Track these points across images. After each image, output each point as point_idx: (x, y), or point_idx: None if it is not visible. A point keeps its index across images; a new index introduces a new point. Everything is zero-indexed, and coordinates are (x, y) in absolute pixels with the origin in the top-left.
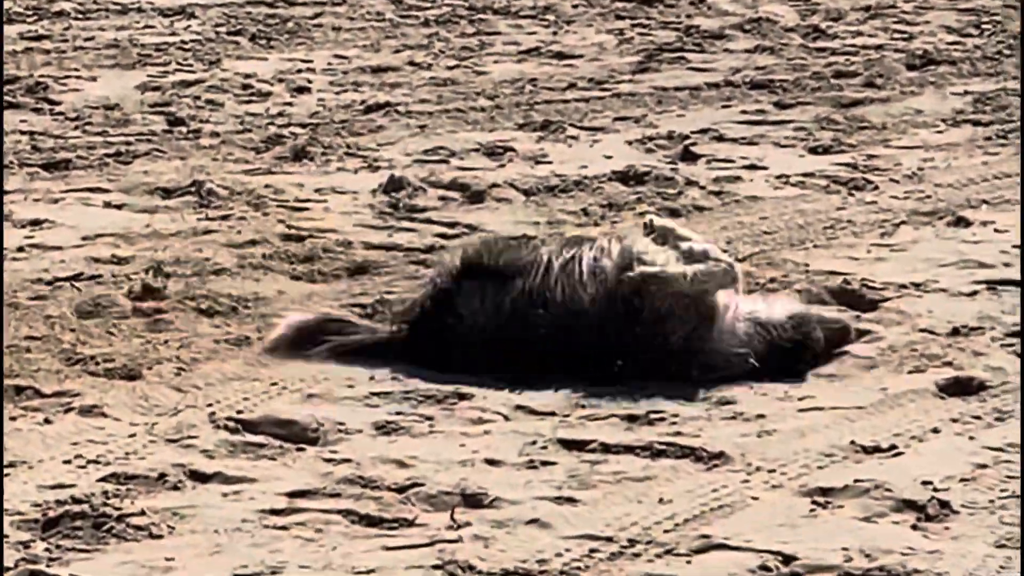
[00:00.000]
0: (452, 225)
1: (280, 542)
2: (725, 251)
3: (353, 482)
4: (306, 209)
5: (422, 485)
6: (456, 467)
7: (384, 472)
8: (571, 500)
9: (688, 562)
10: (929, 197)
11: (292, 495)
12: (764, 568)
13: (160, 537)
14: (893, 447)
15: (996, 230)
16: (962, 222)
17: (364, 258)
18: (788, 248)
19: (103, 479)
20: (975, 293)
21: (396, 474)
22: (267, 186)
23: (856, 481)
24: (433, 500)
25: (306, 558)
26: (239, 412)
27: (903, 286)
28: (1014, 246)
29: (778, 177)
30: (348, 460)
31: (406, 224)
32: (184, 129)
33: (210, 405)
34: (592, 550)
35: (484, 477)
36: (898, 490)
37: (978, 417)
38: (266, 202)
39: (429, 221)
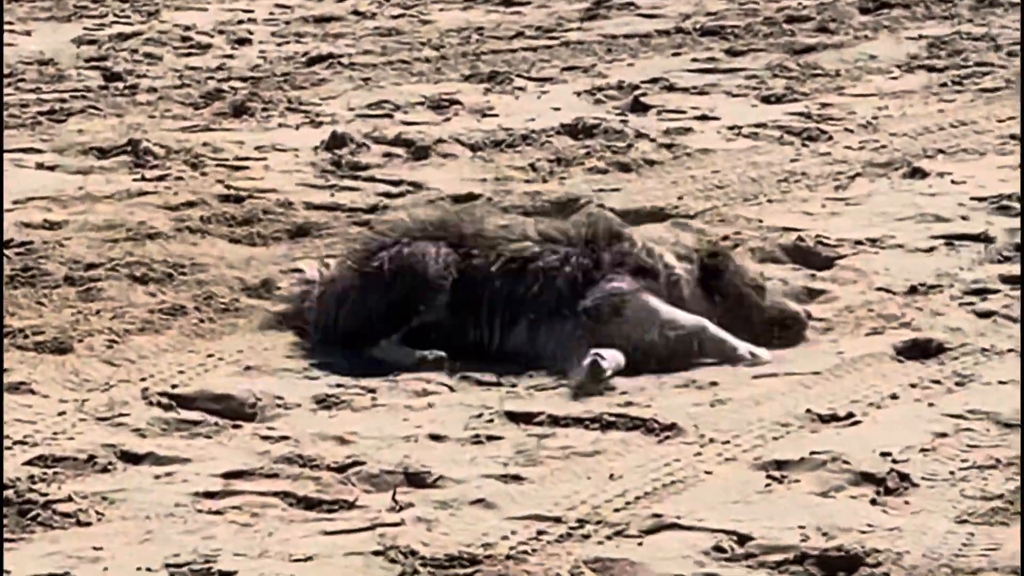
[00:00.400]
0: (396, 183)
1: (214, 527)
2: (676, 208)
3: (291, 461)
4: (245, 168)
5: (363, 464)
6: (399, 443)
7: (324, 450)
8: (518, 478)
9: (640, 544)
10: (884, 147)
11: (227, 476)
12: (718, 549)
13: (88, 524)
14: (850, 415)
15: (953, 181)
16: (918, 173)
17: (306, 219)
18: (741, 203)
19: (29, 462)
20: (932, 249)
21: (336, 452)
22: (205, 144)
23: (812, 453)
24: (375, 480)
25: (241, 545)
26: (173, 387)
27: (859, 242)
28: (972, 198)
29: (730, 128)
30: (286, 437)
31: (349, 183)
32: (120, 85)
33: (143, 380)
34: (540, 532)
35: (428, 454)
36: (856, 462)
37: (937, 382)
38: (204, 161)
39: (373, 179)
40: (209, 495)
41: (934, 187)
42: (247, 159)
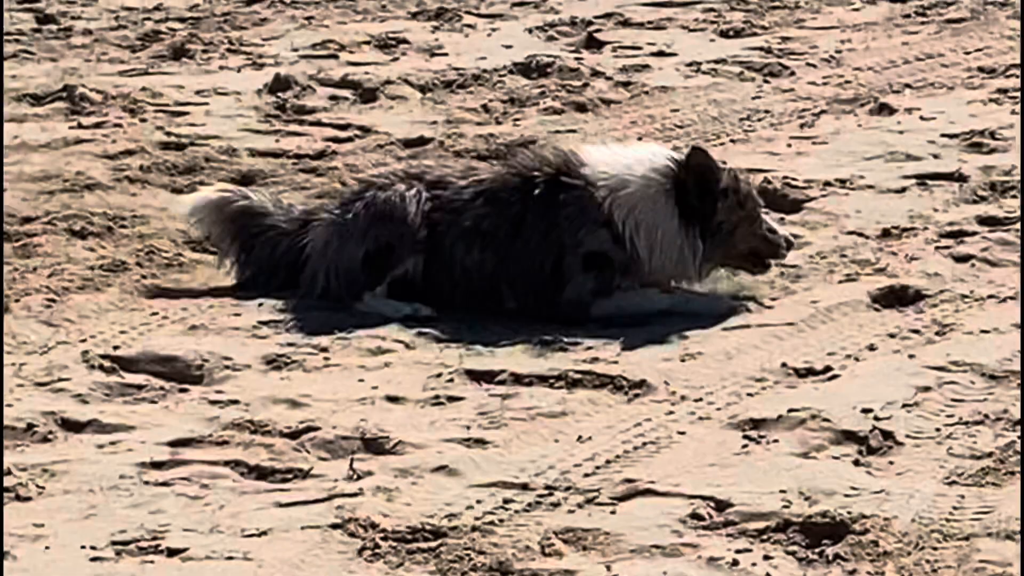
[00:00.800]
0: (344, 127)
1: (162, 500)
2: None
3: (242, 427)
4: (186, 113)
5: (317, 429)
6: (354, 406)
7: (276, 414)
8: (481, 442)
9: (612, 512)
10: (849, 82)
11: (175, 444)
12: (696, 516)
13: (28, 499)
14: (828, 369)
15: (922, 118)
16: (885, 109)
17: (250, 167)
18: (703, 143)
19: None
20: (904, 190)
21: (289, 416)
22: (144, 89)
23: (791, 411)
24: (330, 446)
25: (191, 519)
26: (116, 348)
27: (828, 183)
28: (943, 135)
29: (688, 65)
30: (236, 401)
31: (294, 128)
32: (54, 27)
33: (83, 341)
34: (506, 500)
35: (385, 417)
36: (836, 420)
37: (916, 331)
38: (143, 107)
39: (319, 123)
40: (156, 465)
41: (903, 124)
42: (188, 104)
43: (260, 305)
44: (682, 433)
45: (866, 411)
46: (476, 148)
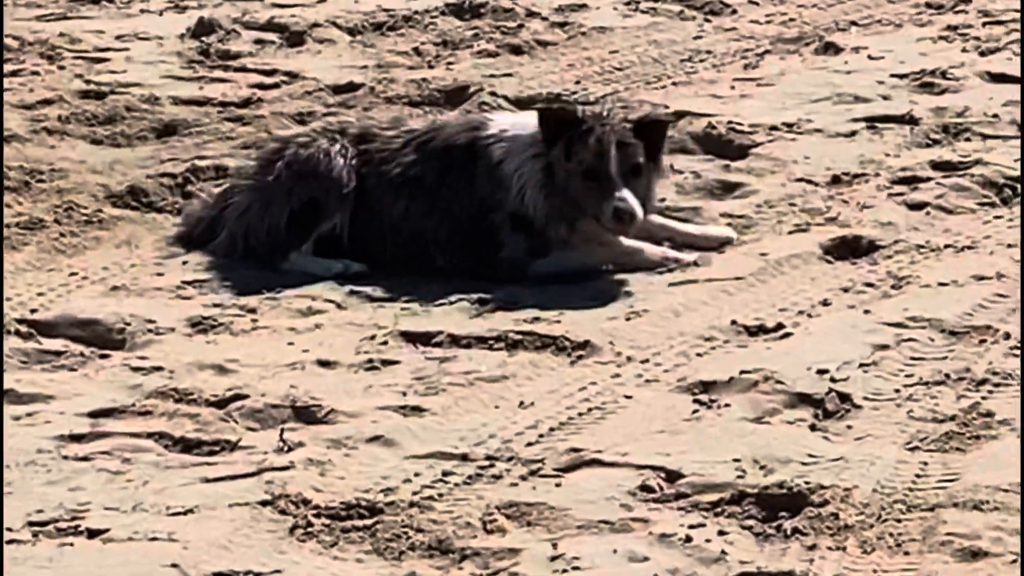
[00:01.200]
0: (270, 73)
1: (82, 476)
2: (575, 94)
3: (166, 396)
4: (106, 60)
5: (246, 397)
6: (284, 372)
7: (201, 381)
8: (418, 409)
9: (557, 484)
10: (793, 20)
11: (95, 415)
12: (645, 488)
13: None
14: (780, 326)
15: (870, 57)
16: (831, 48)
17: (173, 116)
18: (644, 87)
19: None
20: (854, 134)
21: (215, 383)
22: (62, 35)
23: (742, 373)
24: (259, 416)
25: (113, 496)
26: (33, 312)
27: (774, 128)
28: (892, 75)
29: (627, 3)
30: (159, 368)
31: (219, 74)
32: None
33: None
34: (446, 473)
35: (317, 383)
36: (790, 382)
37: (871, 285)
38: (61, 53)
39: (244, 69)
40: (75, 438)
41: (850, 63)
42: (108, 50)
43: (184, 264)
44: (629, 397)
45: (821, 372)
46: (408, 94)
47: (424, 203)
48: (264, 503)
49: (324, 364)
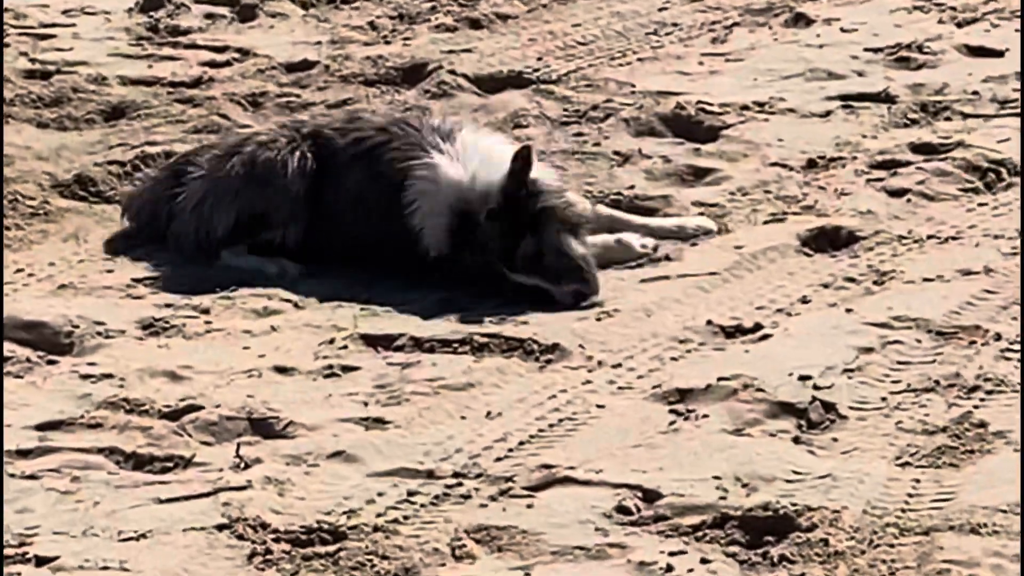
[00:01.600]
0: (221, 50)
1: (30, 497)
2: (537, 71)
3: (116, 406)
4: (52, 36)
5: (200, 408)
6: (240, 379)
7: (154, 390)
8: (380, 421)
9: (529, 505)
10: None
11: (43, 428)
12: (622, 510)
13: None
14: (758, 327)
15: (842, 29)
16: (802, 20)
17: (121, 98)
18: (608, 63)
19: None
20: (829, 113)
21: (168, 392)
22: (6, 9)
23: (720, 380)
24: (214, 428)
25: (62, 519)
26: None
27: (745, 107)
28: (866, 49)
29: None
30: (109, 376)
31: (168, 51)
32: None
33: None
34: (411, 492)
35: (274, 392)
36: (771, 389)
37: (852, 280)
38: (5, 30)
39: (195, 46)
40: (23, 454)
41: (822, 37)
42: (54, 25)
43: (134, 259)
44: (601, 407)
45: (804, 378)
46: (364, 72)
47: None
48: (221, 527)
49: (281, 371)
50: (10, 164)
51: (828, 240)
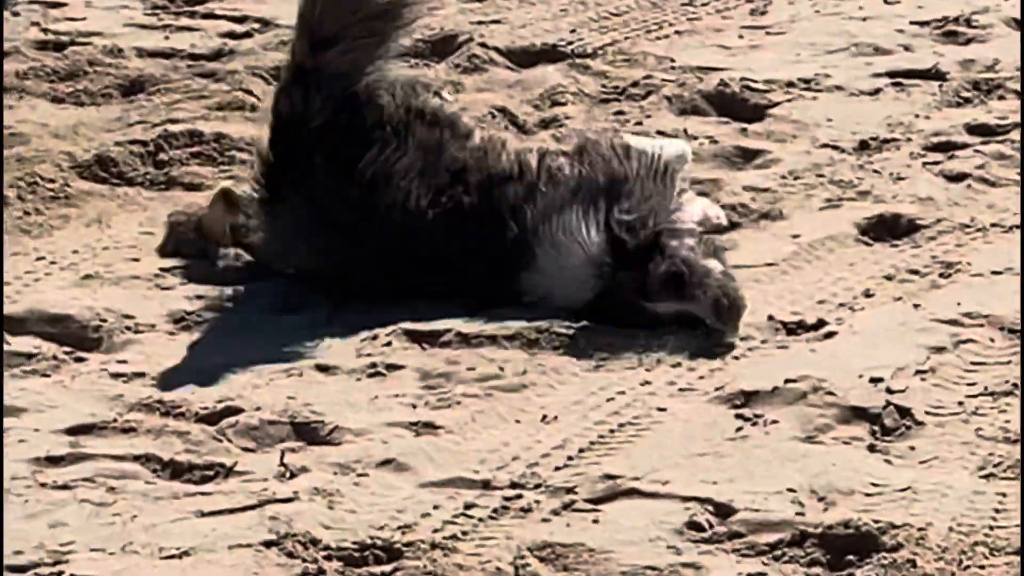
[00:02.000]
0: (241, 19)
1: (63, 509)
2: (571, 44)
3: (151, 408)
4: (64, 4)
5: (239, 411)
6: (280, 379)
7: (189, 391)
8: (431, 426)
9: (595, 520)
10: None
11: (74, 432)
12: (694, 526)
13: None
14: (821, 323)
15: (886, 1)
16: None
17: (139, 71)
18: (645, 36)
19: None
20: (878, 91)
21: (204, 394)
22: None
23: (788, 382)
24: (255, 433)
25: (98, 535)
26: None
27: (790, 84)
28: (912, 22)
29: None
30: (142, 374)
31: (185, 21)
32: None
33: None
34: (468, 505)
35: (316, 393)
36: (842, 392)
37: (916, 272)
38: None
39: (212, 16)
40: (53, 461)
41: (865, 8)
42: None
43: (161, 245)
44: (662, 410)
45: (875, 380)
46: None
47: None
48: (269, 544)
49: (323, 369)
50: (26, 143)
51: (887, 228)
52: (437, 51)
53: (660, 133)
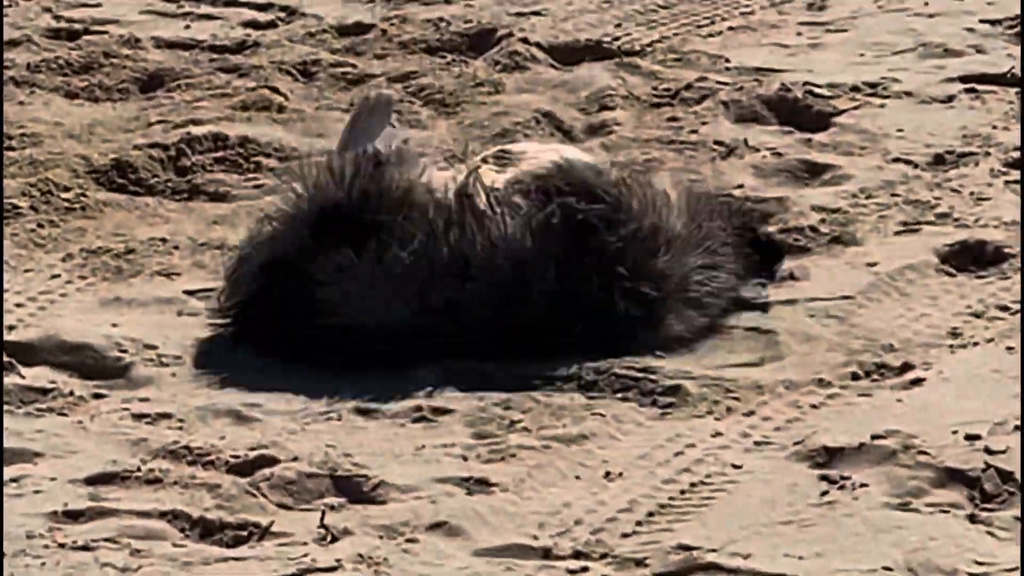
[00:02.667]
0: (265, 7)
1: (84, 574)
2: (618, 40)
3: (177, 456)
4: None
5: (275, 462)
6: (317, 423)
7: (218, 434)
8: (484, 483)
9: None
10: None
11: (94, 482)
12: None
13: None
14: (907, 367)
15: None
16: None
17: (158, 65)
18: (696, 32)
19: None
20: (951, 99)
21: (236, 438)
22: None
23: (875, 438)
24: (292, 488)
25: None
26: (10, 329)
27: (855, 88)
28: (981, 20)
29: None
30: (167, 415)
31: (206, 9)
32: None
33: None
34: None
35: (358, 441)
36: (936, 451)
37: (1006, 308)
38: None
39: (235, 3)
40: (72, 516)
41: (931, 4)
42: None
43: (184, 260)
44: (737, 467)
45: (971, 438)
46: (425, 38)
47: None
48: None
49: (363, 412)
50: (39, 144)
51: (972, 257)
52: (474, 46)
53: (719, 144)
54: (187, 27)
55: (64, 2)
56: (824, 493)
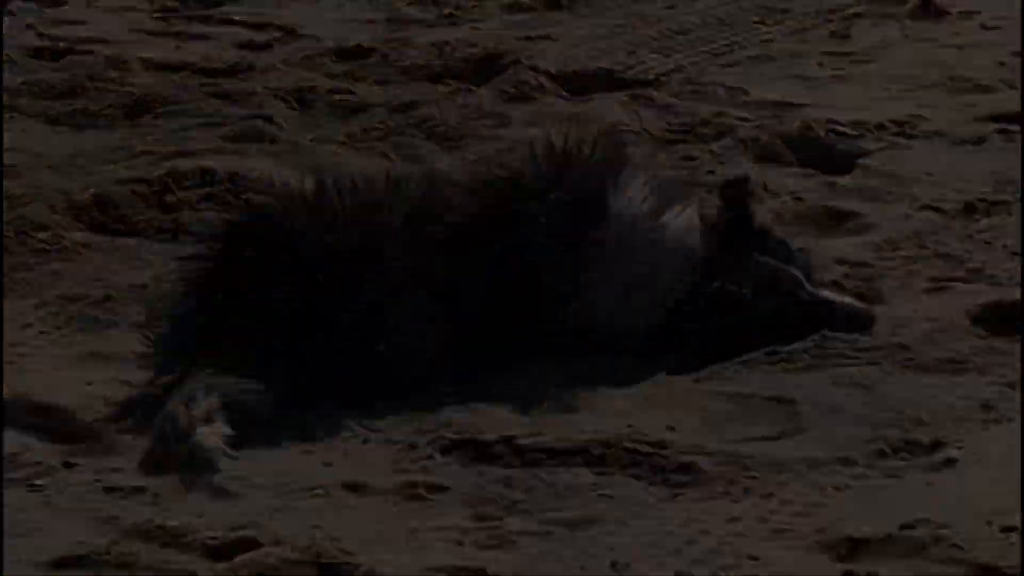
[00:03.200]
0: (260, 27)
1: None
2: (631, 68)
3: (150, 536)
4: (62, 4)
5: (255, 545)
6: (302, 499)
7: (195, 512)
8: (481, 574)
9: None
10: None
11: (60, 565)
12: None
13: None
14: (937, 445)
15: (983, 26)
16: (931, 9)
17: (145, 88)
18: (713, 60)
19: None
20: (982, 140)
21: (214, 516)
22: None
23: (903, 528)
24: None
25: None
26: None
27: (881, 127)
28: (1012, 52)
29: None
30: (141, 489)
31: (199, 28)
32: None
33: None
34: None
35: (346, 522)
36: (968, 544)
37: None
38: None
39: (229, 21)
40: None
41: (960, 35)
42: None
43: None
44: (755, 559)
45: (1007, 530)
46: (428, 63)
47: None
48: None
49: (353, 488)
50: (16, 177)
51: (1004, 318)
52: (479, 72)
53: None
54: (177, 48)
55: (50, 20)
56: None
